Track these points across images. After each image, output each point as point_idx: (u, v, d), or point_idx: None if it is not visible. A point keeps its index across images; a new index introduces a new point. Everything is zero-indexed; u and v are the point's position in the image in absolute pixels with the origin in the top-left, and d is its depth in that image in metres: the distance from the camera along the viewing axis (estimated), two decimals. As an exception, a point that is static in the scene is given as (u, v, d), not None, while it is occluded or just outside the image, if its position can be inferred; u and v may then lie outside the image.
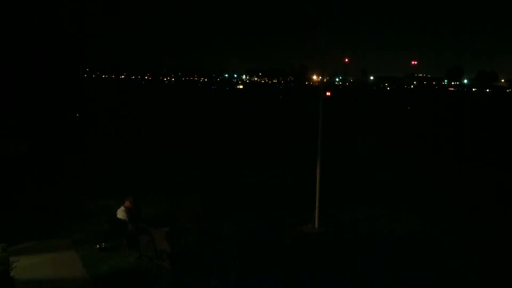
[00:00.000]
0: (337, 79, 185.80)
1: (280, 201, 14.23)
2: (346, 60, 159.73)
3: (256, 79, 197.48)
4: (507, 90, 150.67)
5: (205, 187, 15.36)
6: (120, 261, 9.44)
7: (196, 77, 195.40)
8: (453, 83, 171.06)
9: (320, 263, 9.66)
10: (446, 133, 34.21)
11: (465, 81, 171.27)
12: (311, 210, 11.87)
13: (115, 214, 10.22)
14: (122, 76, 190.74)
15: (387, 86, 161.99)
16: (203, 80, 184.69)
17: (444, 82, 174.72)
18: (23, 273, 8.43)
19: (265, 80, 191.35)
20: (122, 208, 10.16)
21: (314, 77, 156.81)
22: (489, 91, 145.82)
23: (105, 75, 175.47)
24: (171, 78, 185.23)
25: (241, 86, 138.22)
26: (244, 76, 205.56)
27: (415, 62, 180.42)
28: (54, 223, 11.40)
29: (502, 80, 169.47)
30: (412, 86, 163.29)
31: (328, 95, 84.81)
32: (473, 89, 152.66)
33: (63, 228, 11.12)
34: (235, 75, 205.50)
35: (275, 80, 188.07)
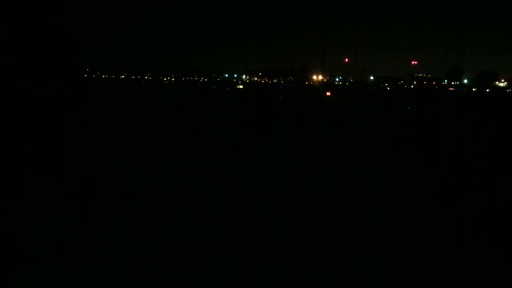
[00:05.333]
0: (337, 79, 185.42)
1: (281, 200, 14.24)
2: (346, 60, 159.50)
3: (256, 79, 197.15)
4: (507, 90, 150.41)
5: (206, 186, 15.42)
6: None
7: (196, 77, 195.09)
8: (453, 83, 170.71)
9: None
10: (446, 133, 34.19)
11: (465, 81, 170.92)
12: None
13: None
14: (122, 76, 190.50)
15: (387, 86, 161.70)
16: (203, 80, 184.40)
17: (444, 82, 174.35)
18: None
19: (265, 80, 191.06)
20: None
21: (314, 77, 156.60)
22: (489, 91, 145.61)
23: (105, 75, 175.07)
24: (171, 78, 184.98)
25: (241, 86, 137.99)
26: (244, 76, 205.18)
27: (415, 62, 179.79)
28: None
29: (502, 80, 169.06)
30: (412, 86, 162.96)
31: (328, 95, 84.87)
32: (473, 89, 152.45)
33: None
34: (235, 75, 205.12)
35: (275, 80, 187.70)
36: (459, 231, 11.99)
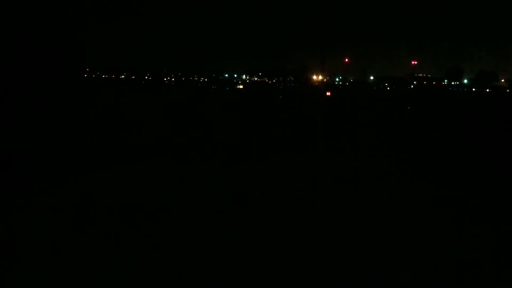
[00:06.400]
0: (337, 79, 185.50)
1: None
2: (346, 60, 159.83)
3: (256, 79, 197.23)
4: (507, 90, 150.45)
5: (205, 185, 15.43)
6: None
7: (196, 77, 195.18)
8: (453, 83, 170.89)
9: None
10: (446, 132, 34.19)
11: (465, 81, 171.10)
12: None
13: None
14: (122, 76, 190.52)
15: (387, 86, 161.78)
16: (203, 80, 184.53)
17: (444, 82, 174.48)
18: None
19: (265, 80, 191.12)
20: None
21: (314, 77, 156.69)
22: (489, 91, 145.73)
23: (105, 75, 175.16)
24: (171, 78, 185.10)
25: (241, 86, 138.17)
26: (244, 76, 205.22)
27: (415, 62, 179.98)
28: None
29: (502, 80, 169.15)
30: (412, 86, 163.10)
31: (328, 95, 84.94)
32: (473, 89, 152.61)
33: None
34: (235, 75, 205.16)
35: (274, 80, 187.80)
36: (458, 231, 12.01)
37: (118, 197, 13.77)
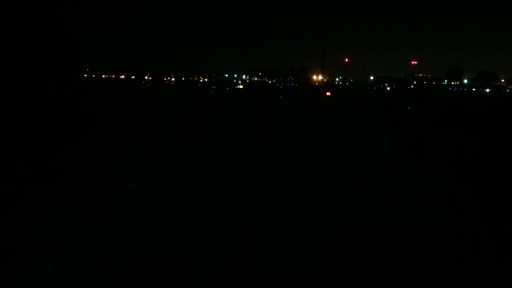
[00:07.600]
0: (337, 79, 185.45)
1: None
2: (346, 60, 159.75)
3: (256, 79, 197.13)
4: (507, 90, 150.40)
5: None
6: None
7: (196, 77, 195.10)
8: (453, 83, 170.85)
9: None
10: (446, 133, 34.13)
11: (465, 81, 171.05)
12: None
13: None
14: (122, 76, 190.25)
15: (387, 86, 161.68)
16: (203, 80, 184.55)
17: (444, 82, 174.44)
18: None
19: (265, 80, 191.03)
20: None
21: (314, 77, 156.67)
22: (489, 91, 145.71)
23: (105, 75, 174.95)
24: (171, 78, 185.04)
25: (241, 86, 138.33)
26: (244, 76, 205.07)
27: (415, 62, 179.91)
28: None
29: (502, 80, 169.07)
30: (412, 86, 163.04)
31: (328, 95, 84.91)
32: (473, 89, 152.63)
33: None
34: (235, 75, 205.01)
35: (274, 80, 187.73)
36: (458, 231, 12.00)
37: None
